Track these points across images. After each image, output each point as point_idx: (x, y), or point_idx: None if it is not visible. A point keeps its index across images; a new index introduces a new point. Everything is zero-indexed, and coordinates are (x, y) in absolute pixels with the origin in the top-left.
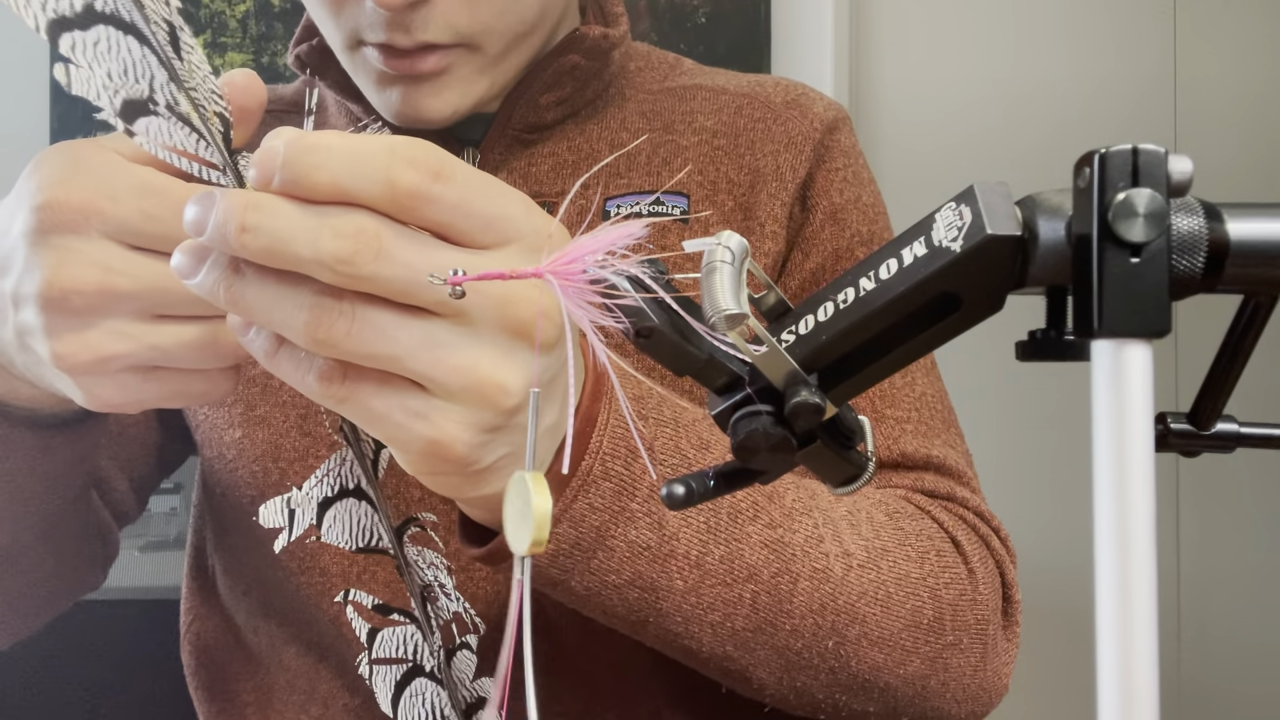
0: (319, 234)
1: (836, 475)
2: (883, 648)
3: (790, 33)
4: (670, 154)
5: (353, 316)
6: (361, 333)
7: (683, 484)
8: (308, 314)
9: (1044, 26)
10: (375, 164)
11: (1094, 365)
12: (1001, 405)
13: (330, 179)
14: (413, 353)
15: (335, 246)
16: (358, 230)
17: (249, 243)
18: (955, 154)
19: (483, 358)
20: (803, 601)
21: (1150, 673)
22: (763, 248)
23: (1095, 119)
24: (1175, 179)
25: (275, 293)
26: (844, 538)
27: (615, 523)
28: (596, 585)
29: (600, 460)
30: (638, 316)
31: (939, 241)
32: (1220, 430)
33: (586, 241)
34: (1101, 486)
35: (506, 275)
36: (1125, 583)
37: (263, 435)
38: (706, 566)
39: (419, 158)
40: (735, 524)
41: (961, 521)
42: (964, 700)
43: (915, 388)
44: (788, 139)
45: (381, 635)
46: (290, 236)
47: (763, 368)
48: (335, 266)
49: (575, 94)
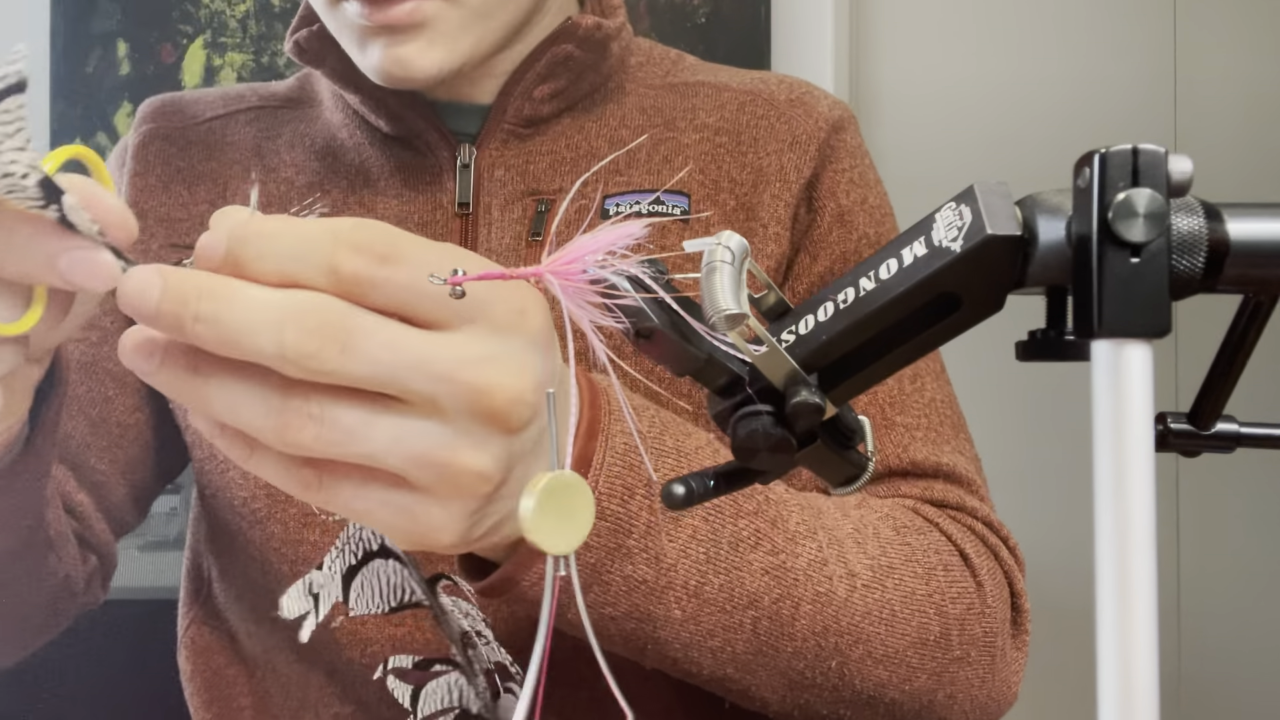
0: (282, 327)
1: (836, 475)
2: (888, 665)
3: (790, 33)
4: (671, 151)
5: (321, 419)
6: (331, 434)
7: (682, 484)
8: (276, 418)
9: (1044, 26)
10: (319, 250)
11: (1094, 365)
12: (1001, 405)
13: (275, 268)
14: (387, 449)
15: (298, 341)
16: (322, 322)
17: (203, 331)
18: (955, 154)
19: (459, 449)
20: (805, 625)
21: (1150, 673)
22: (765, 249)
23: (1095, 119)
24: (1175, 179)
25: (239, 392)
26: (849, 557)
27: (611, 560)
28: (592, 618)
29: (597, 501)
30: (638, 316)
31: (939, 241)
32: (1220, 430)
33: (586, 241)
34: (1102, 486)
35: (506, 275)
36: (1125, 582)
37: None
38: (705, 596)
39: (363, 242)
40: (736, 552)
41: (970, 532)
42: (971, 711)
43: (925, 393)
44: (792, 138)
45: (425, 691)
46: (251, 326)
47: (763, 368)
48: (300, 362)
49: (571, 86)
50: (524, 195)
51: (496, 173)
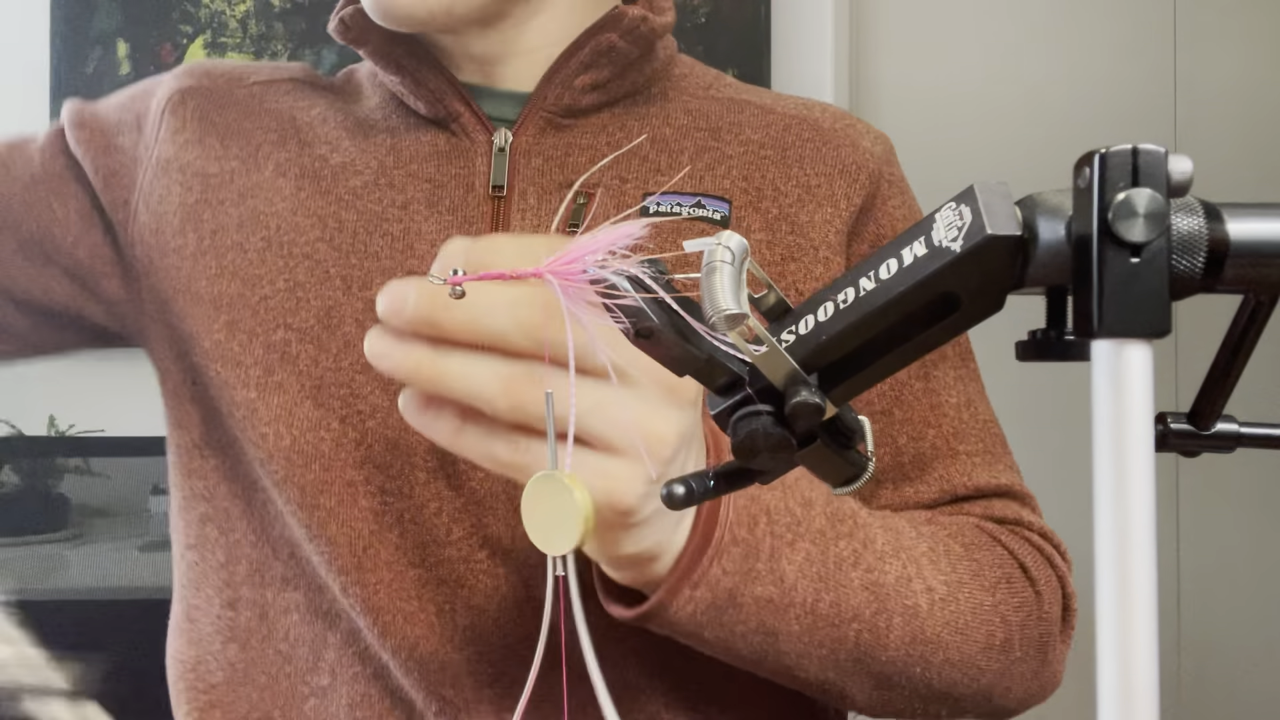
0: (516, 305)
1: (836, 475)
2: (960, 669)
3: (790, 33)
4: (715, 160)
5: (542, 381)
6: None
7: (683, 484)
8: (504, 382)
9: (1044, 27)
10: (539, 256)
11: (1094, 365)
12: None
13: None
14: (589, 411)
15: (530, 315)
16: (547, 302)
17: (456, 315)
18: (955, 154)
19: (643, 413)
20: (897, 636)
21: (1150, 672)
22: (814, 271)
23: (1095, 119)
24: (1175, 179)
25: (472, 363)
26: (926, 574)
27: (744, 583)
28: (726, 635)
29: (729, 529)
30: (638, 316)
31: (939, 241)
32: (1220, 430)
33: (586, 241)
34: (1102, 486)
35: (506, 275)
36: (1125, 582)
37: (277, 400)
38: (819, 612)
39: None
40: (841, 571)
41: (1028, 544)
42: (1025, 698)
43: (979, 417)
44: (840, 165)
45: None
46: (491, 307)
47: (763, 368)
48: (531, 332)
49: (613, 80)
50: (563, 186)
51: (534, 160)
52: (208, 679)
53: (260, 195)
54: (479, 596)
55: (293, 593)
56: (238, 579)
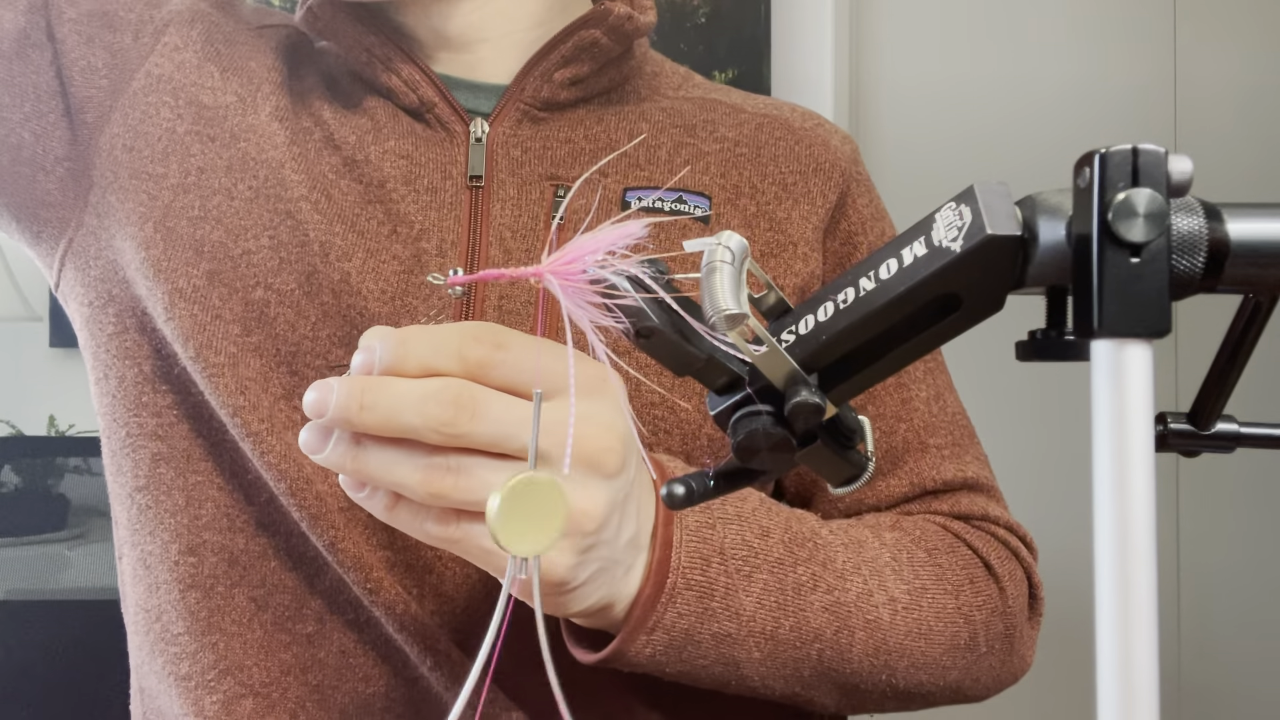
0: (425, 403)
1: (836, 475)
2: (927, 670)
3: (790, 33)
4: (692, 156)
5: (458, 471)
6: (467, 483)
7: (682, 484)
8: (421, 474)
9: (1044, 27)
10: (450, 345)
11: (1094, 365)
12: (1001, 406)
13: (418, 362)
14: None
15: (438, 412)
16: (455, 396)
17: (368, 418)
18: (955, 154)
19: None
20: (860, 649)
21: (1150, 672)
22: (794, 267)
23: (1095, 119)
24: (1175, 179)
25: (392, 457)
26: (889, 585)
27: (701, 622)
28: (688, 669)
29: (681, 574)
30: (638, 316)
31: (939, 241)
32: (1220, 430)
33: (586, 241)
34: (1101, 486)
35: (506, 275)
36: (1125, 582)
37: (256, 363)
38: (779, 637)
39: (483, 334)
40: (799, 596)
41: (993, 540)
42: (993, 686)
43: (947, 410)
44: (814, 163)
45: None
46: (401, 408)
47: (763, 368)
48: (440, 429)
49: (592, 76)
50: (543, 179)
51: (513, 151)
52: (171, 629)
53: (252, 139)
54: (448, 585)
55: (269, 537)
56: (200, 523)
